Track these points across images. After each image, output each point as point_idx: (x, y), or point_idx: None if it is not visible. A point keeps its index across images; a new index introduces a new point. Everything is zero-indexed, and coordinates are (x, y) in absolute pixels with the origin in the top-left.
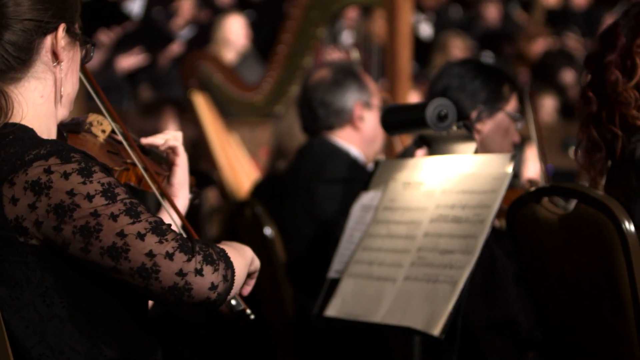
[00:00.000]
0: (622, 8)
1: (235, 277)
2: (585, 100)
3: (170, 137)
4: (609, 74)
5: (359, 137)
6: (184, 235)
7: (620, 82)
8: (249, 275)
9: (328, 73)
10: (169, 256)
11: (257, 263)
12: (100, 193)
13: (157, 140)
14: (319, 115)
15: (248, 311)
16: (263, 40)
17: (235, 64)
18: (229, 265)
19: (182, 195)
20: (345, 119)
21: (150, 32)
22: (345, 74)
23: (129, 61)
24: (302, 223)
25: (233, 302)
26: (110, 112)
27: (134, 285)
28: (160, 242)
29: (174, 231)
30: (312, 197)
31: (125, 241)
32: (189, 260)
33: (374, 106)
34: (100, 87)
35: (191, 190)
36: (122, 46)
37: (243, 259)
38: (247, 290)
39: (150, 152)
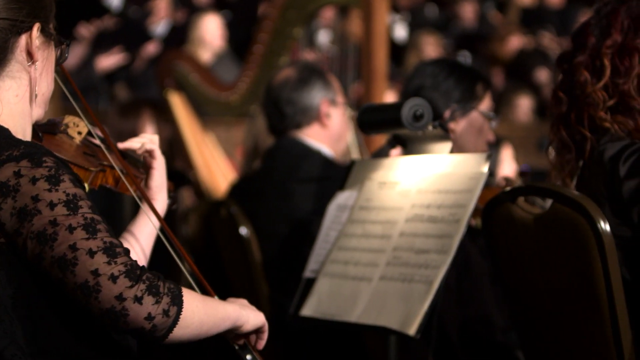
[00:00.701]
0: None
1: (183, 319)
2: (556, 101)
3: (147, 140)
4: (578, 74)
5: (327, 134)
6: (134, 261)
7: (589, 83)
8: (259, 331)
9: (293, 72)
10: (113, 278)
11: (255, 321)
12: (63, 203)
13: (133, 144)
14: (286, 114)
15: None
16: (239, 40)
17: (211, 63)
18: (176, 304)
19: (160, 198)
20: (312, 116)
21: (129, 31)
22: (310, 72)
23: (109, 61)
24: (278, 223)
25: (248, 357)
26: (89, 114)
27: (76, 301)
28: (109, 263)
29: (127, 257)
30: (287, 197)
31: (75, 255)
32: (131, 286)
33: (339, 103)
34: (79, 86)
35: (169, 195)
36: (101, 46)
37: (213, 309)
38: (261, 344)
39: (127, 156)
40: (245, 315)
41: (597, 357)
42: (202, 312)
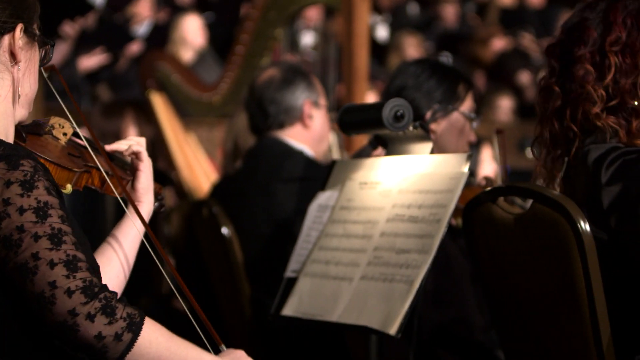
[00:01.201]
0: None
1: (138, 347)
2: (549, 93)
3: (134, 142)
4: (577, 68)
5: (309, 135)
6: (92, 277)
7: (590, 79)
8: None
9: (277, 72)
10: (69, 292)
11: None
12: (32, 210)
13: (120, 145)
14: (269, 114)
15: None
16: (221, 41)
17: (193, 64)
18: (132, 330)
19: (146, 200)
20: (295, 117)
21: (111, 32)
22: (294, 73)
23: (91, 61)
24: (260, 222)
25: None
26: (75, 114)
27: (32, 310)
28: (67, 276)
29: (89, 273)
30: (270, 197)
31: (36, 264)
32: (86, 303)
33: (322, 105)
34: (61, 87)
35: (157, 198)
36: (83, 46)
37: (183, 350)
38: None
39: (114, 157)
40: None
41: (577, 356)
42: (162, 347)
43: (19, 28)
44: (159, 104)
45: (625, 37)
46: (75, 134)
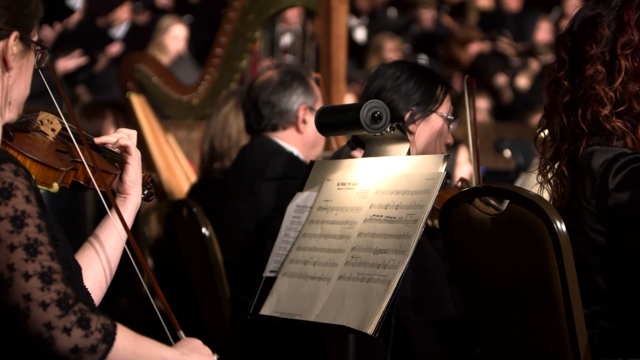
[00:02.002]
0: (557, 12)
1: (114, 354)
2: (558, 87)
3: (123, 135)
4: (588, 67)
5: (301, 139)
6: (70, 289)
7: (599, 79)
8: None
9: (275, 74)
10: (43, 305)
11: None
12: (9, 219)
13: (110, 138)
14: (263, 115)
15: None
16: (201, 43)
17: (172, 66)
18: (106, 341)
19: (134, 193)
20: (288, 120)
21: (90, 34)
22: (293, 77)
23: (69, 63)
24: (245, 221)
25: None
26: (65, 109)
27: (7, 320)
28: (42, 289)
29: (64, 284)
30: (255, 195)
31: (11, 276)
32: (61, 316)
33: None
34: (40, 89)
35: (146, 186)
36: (61, 48)
37: (148, 352)
38: None
39: (103, 150)
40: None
41: (553, 355)
42: (129, 352)
43: (13, 36)
44: (139, 105)
45: (638, 40)
46: (64, 130)
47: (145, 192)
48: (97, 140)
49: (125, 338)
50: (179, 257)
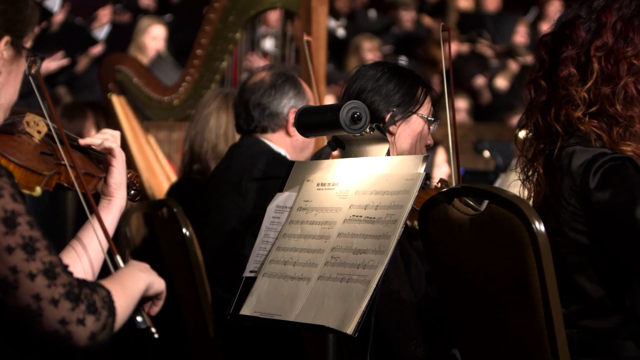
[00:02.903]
0: (534, 13)
1: (116, 323)
2: (536, 87)
3: (108, 137)
4: (562, 68)
5: (290, 143)
6: (73, 279)
7: (573, 81)
8: (156, 297)
9: (267, 76)
10: (54, 302)
11: (158, 287)
12: (1, 220)
13: (94, 140)
14: (253, 117)
15: (153, 330)
16: (182, 44)
17: (153, 66)
18: (111, 313)
19: (118, 195)
20: (278, 123)
21: (72, 35)
22: (284, 80)
23: (51, 65)
24: (231, 219)
25: (139, 319)
26: (50, 112)
27: (17, 321)
28: (49, 286)
29: (65, 274)
30: (242, 194)
31: (16, 278)
32: (72, 309)
33: None
34: (23, 90)
35: (133, 188)
36: (43, 49)
37: (132, 292)
38: (155, 310)
39: (88, 152)
40: (151, 281)
41: (532, 355)
42: (126, 305)
43: (4, 41)
44: (120, 106)
45: (612, 43)
46: (50, 132)
47: (132, 192)
48: (82, 141)
49: (119, 297)
50: (159, 257)
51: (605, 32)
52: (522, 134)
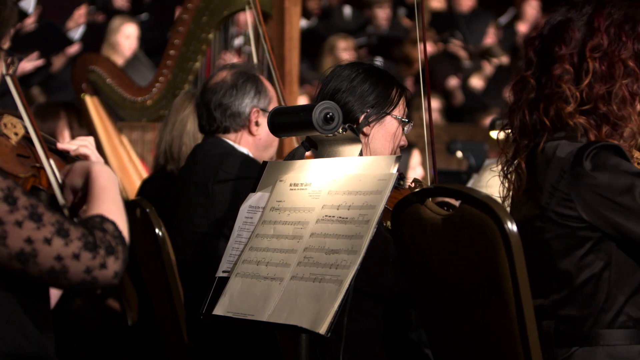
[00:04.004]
0: (510, 14)
1: (127, 242)
2: (524, 85)
3: (84, 143)
4: (556, 67)
5: (254, 142)
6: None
7: (566, 79)
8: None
9: (228, 75)
10: (76, 257)
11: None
12: (1, 199)
13: (70, 146)
14: (215, 117)
15: None
16: (156, 44)
17: (127, 66)
18: (124, 244)
19: None
20: (240, 123)
21: (48, 36)
22: (246, 79)
23: (27, 66)
24: (198, 221)
25: None
26: (28, 114)
27: (41, 283)
28: (66, 244)
29: (74, 227)
30: (209, 197)
31: (33, 247)
32: (93, 257)
33: None
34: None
35: None
36: (18, 50)
37: (120, 202)
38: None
39: (65, 156)
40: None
41: (504, 354)
42: (125, 220)
43: None
44: (93, 106)
45: (607, 46)
46: (27, 133)
47: None
48: (60, 146)
49: (121, 221)
50: (132, 257)
51: (599, 34)
52: (502, 134)
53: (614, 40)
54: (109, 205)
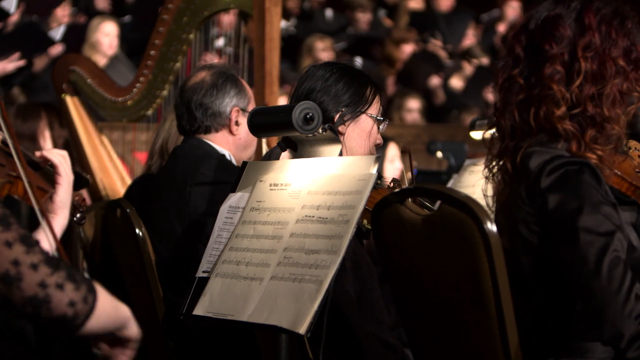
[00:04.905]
0: (491, 14)
1: (98, 309)
2: (512, 84)
3: (62, 153)
4: (547, 66)
5: (233, 141)
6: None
7: (557, 79)
8: (126, 343)
9: (208, 75)
10: (34, 267)
11: (132, 331)
12: None
13: (50, 155)
14: (196, 117)
15: None
16: (137, 45)
17: (107, 67)
18: (92, 291)
19: (62, 214)
20: (221, 123)
21: (29, 36)
22: (225, 79)
23: (9, 67)
24: (175, 223)
25: (96, 351)
26: (6, 122)
27: (22, 315)
28: (27, 252)
29: (60, 262)
30: (186, 199)
31: (19, 270)
32: (52, 273)
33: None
34: None
35: (79, 209)
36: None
37: (114, 308)
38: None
39: (41, 168)
40: (131, 320)
41: (484, 354)
42: (109, 306)
43: None
44: (73, 107)
45: (599, 44)
46: (4, 142)
47: (78, 215)
48: (38, 154)
49: (103, 290)
50: (113, 258)
51: (592, 32)
52: (487, 133)
53: (605, 40)
54: (106, 294)
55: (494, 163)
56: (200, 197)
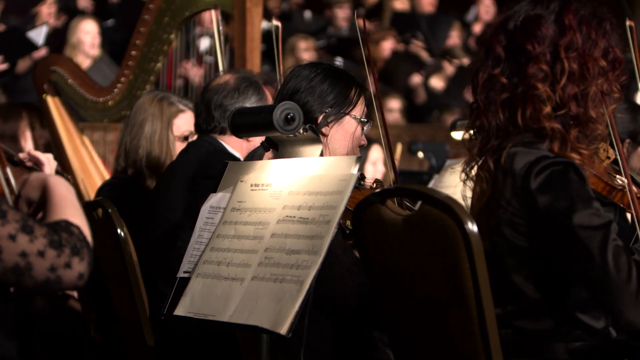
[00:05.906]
0: (473, 14)
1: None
2: (493, 84)
3: (48, 156)
4: (531, 65)
5: (247, 147)
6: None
7: (540, 78)
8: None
9: (232, 79)
10: (41, 254)
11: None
12: None
13: (37, 155)
14: (214, 117)
15: None
16: (120, 46)
17: (88, 68)
18: (89, 248)
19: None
20: None
21: (13, 40)
22: (248, 84)
23: None
24: (179, 213)
25: None
26: None
27: (6, 282)
28: (31, 240)
29: (40, 225)
30: (193, 191)
31: (28, 260)
32: (58, 255)
33: None
34: None
35: None
36: None
37: (80, 208)
38: None
39: (30, 167)
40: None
41: (465, 354)
42: (87, 226)
43: None
44: (54, 107)
45: (581, 44)
46: None
47: None
48: (22, 155)
49: (82, 226)
50: (94, 258)
51: (572, 32)
52: (466, 134)
53: (586, 39)
54: (72, 211)
55: (472, 163)
56: (208, 190)
